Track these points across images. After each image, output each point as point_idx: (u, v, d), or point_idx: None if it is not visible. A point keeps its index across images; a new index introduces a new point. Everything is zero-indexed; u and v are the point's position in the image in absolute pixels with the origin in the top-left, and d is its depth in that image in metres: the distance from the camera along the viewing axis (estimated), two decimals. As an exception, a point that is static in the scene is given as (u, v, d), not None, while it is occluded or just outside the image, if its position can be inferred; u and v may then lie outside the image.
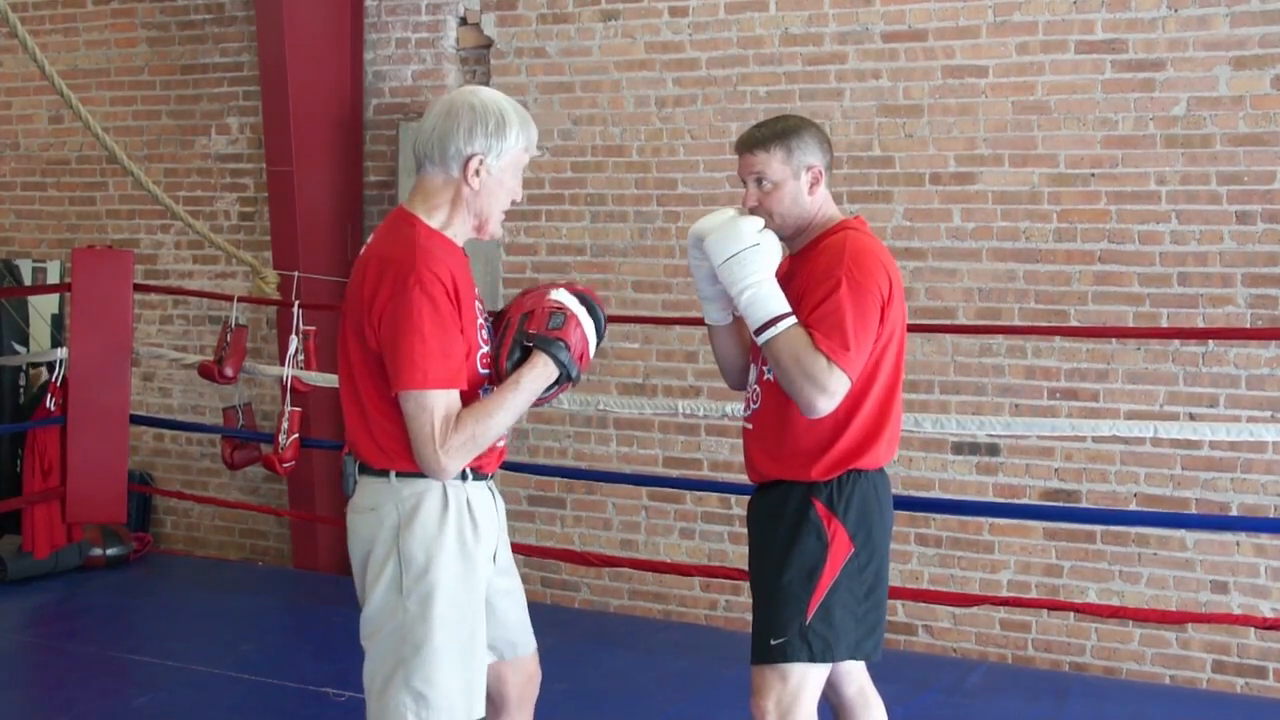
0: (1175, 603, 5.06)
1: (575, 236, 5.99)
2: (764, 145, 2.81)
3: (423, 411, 2.48)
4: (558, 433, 6.08)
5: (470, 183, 2.59)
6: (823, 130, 2.91)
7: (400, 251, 2.52)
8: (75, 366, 5.83)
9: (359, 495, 2.65)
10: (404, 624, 2.55)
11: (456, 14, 6.36)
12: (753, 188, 2.83)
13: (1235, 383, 4.98)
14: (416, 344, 2.46)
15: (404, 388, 2.48)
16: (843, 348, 2.66)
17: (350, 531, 2.69)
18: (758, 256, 2.72)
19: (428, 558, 2.55)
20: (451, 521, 2.57)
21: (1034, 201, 5.27)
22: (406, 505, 2.56)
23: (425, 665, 2.54)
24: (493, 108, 2.58)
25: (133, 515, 6.52)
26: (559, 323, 2.62)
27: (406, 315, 2.46)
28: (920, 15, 5.42)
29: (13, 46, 6.83)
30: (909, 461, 5.43)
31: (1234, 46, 4.96)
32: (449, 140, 2.57)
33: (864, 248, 2.77)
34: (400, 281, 2.47)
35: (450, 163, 2.58)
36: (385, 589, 2.57)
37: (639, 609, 5.97)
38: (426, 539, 2.55)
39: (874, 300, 2.72)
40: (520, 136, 2.61)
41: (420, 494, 2.57)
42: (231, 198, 6.92)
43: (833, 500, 2.75)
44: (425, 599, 2.54)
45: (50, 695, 4.53)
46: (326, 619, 5.51)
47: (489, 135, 2.57)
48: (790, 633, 2.72)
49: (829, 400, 2.67)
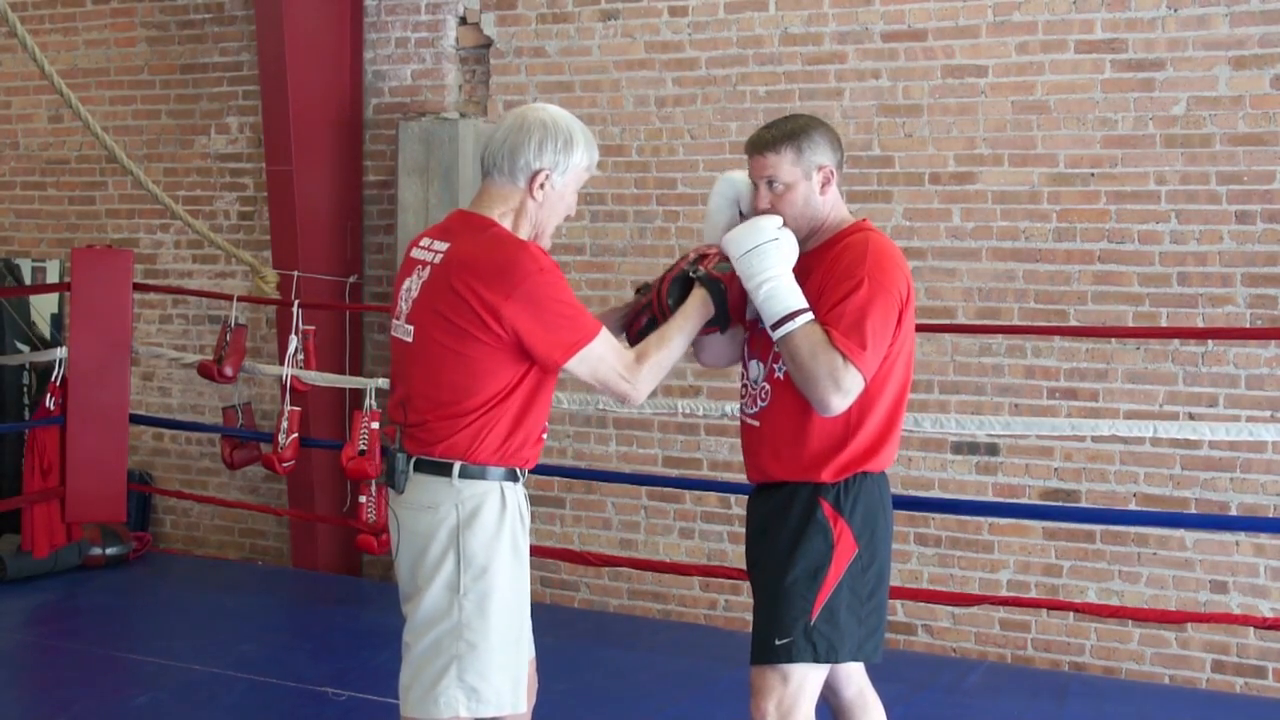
0: (1175, 602, 5.06)
1: (575, 236, 5.99)
2: (774, 147, 2.79)
3: (600, 360, 2.66)
4: (557, 432, 6.08)
5: (535, 195, 2.71)
6: (833, 129, 2.89)
7: (505, 253, 2.62)
8: (75, 366, 5.83)
9: (416, 492, 2.69)
10: (460, 622, 2.63)
11: (456, 13, 6.36)
12: (764, 190, 2.82)
13: (1235, 382, 4.98)
14: (563, 310, 2.61)
15: (575, 350, 2.62)
16: (860, 347, 2.66)
17: (401, 527, 2.73)
18: (777, 251, 2.71)
19: (487, 558, 2.64)
20: (508, 522, 2.67)
21: (1034, 201, 5.27)
22: (468, 505, 2.64)
23: (479, 662, 2.63)
24: (564, 126, 2.72)
25: (132, 515, 6.51)
26: (726, 268, 2.78)
27: (542, 291, 2.59)
28: (920, 15, 5.42)
29: (12, 46, 6.83)
30: (909, 461, 5.43)
31: (1234, 46, 4.96)
32: (519, 153, 2.69)
33: (886, 250, 2.78)
34: (521, 268, 2.59)
35: (518, 174, 2.70)
36: (440, 587, 2.64)
37: (638, 609, 5.97)
38: (486, 539, 2.64)
39: (894, 302, 2.72)
40: (584, 156, 2.75)
41: (482, 494, 2.65)
42: (231, 197, 6.92)
43: (840, 501, 2.75)
44: (483, 598, 2.63)
45: (49, 695, 4.52)
46: (326, 619, 5.51)
47: (558, 152, 2.70)
48: (795, 633, 2.71)
49: (843, 399, 2.67)
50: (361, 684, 4.51)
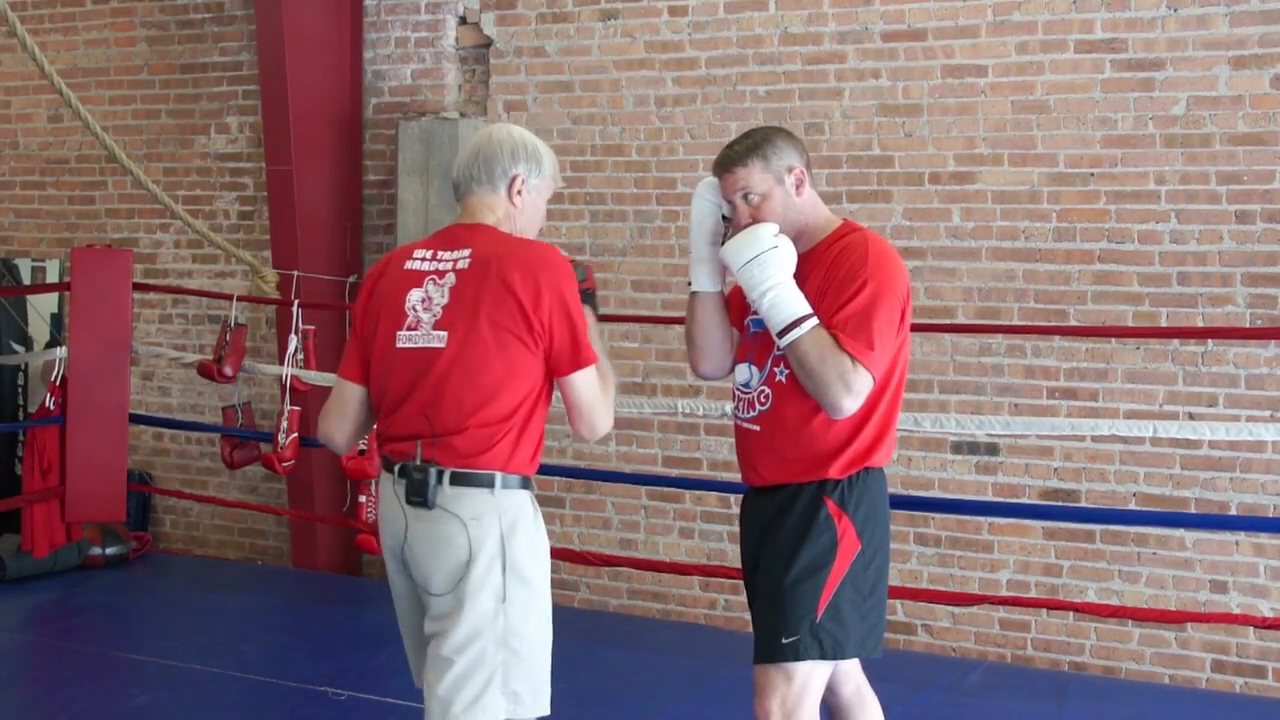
0: (1174, 602, 5.06)
1: (575, 235, 5.98)
2: (741, 160, 2.81)
3: (595, 381, 2.70)
4: (557, 432, 6.06)
5: (514, 200, 2.79)
6: (792, 133, 2.90)
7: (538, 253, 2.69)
8: (74, 365, 5.83)
9: (454, 504, 2.64)
10: (506, 630, 2.64)
11: (456, 13, 6.36)
12: (742, 205, 2.83)
13: (1235, 382, 4.98)
14: (581, 323, 2.68)
15: (584, 364, 2.67)
16: (868, 348, 2.68)
17: (436, 540, 2.66)
18: (777, 259, 2.72)
19: (530, 564, 2.68)
20: (540, 529, 2.73)
21: (1033, 201, 5.27)
22: (509, 515, 2.66)
23: (523, 666, 2.67)
24: (528, 138, 2.83)
25: (132, 514, 6.51)
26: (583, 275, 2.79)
27: (571, 299, 2.67)
28: (920, 15, 5.42)
29: (12, 45, 6.82)
30: (909, 461, 5.43)
31: (1233, 46, 4.96)
32: (495, 162, 2.77)
33: (886, 250, 2.80)
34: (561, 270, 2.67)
35: (498, 181, 2.78)
36: (488, 598, 2.63)
37: (638, 608, 5.97)
38: (530, 546, 2.68)
39: (897, 302, 2.75)
40: (551, 167, 2.84)
41: (520, 504, 2.69)
42: (231, 197, 6.92)
43: (844, 498, 2.76)
44: (527, 604, 2.67)
45: (49, 695, 4.52)
46: (326, 618, 5.51)
47: (529, 159, 2.79)
48: (802, 631, 2.72)
49: (854, 401, 2.69)
50: (361, 684, 4.50)
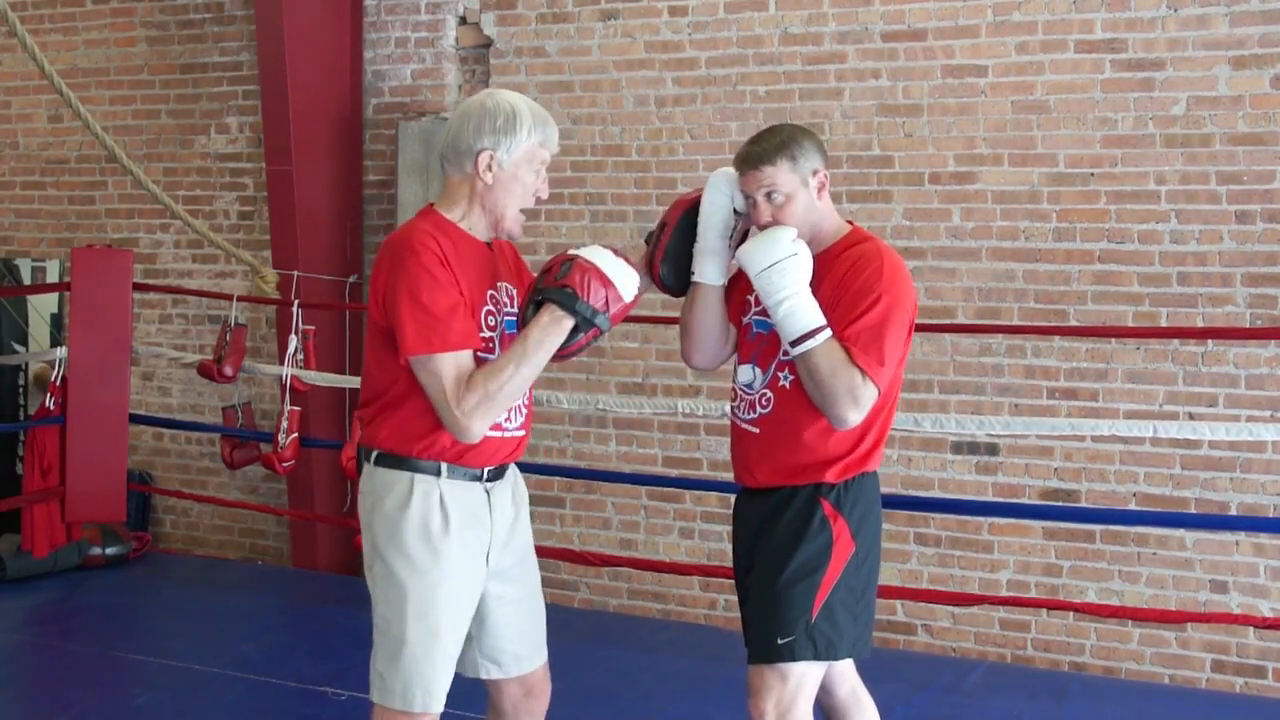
0: (1174, 602, 5.06)
1: (575, 236, 5.98)
2: (769, 159, 2.74)
3: (433, 376, 2.54)
4: (557, 432, 6.08)
5: (483, 177, 2.66)
6: (815, 134, 2.87)
7: (401, 233, 2.66)
8: (74, 366, 5.83)
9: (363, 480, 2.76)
10: (375, 603, 2.69)
11: (456, 13, 6.36)
12: (763, 203, 2.77)
13: (1235, 382, 4.98)
14: (417, 311, 2.53)
15: (412, 353, 2.55)
16: (878, 363, 2.67)
17: None
18: (795, 267, 2.68)
19: (385, 544, 2.65)
20: (415, 513, 2.63)
21: (1033, 201, 5.27)
22: (378, 492, 2.67)
23: (384, 648, 2.67)
24: (504, 105, 2.65)
25: (132, 514, 6.51)
26: (565, 271, 2.65)
27: (405, 284, 2.55)
28: (920, 15, 5.42)
29: (12, 45, 6.83)
30: (909, 461, 5.43)
31: (1233, 46, 4.96)
32: (461, 139, 2.65)
33: (898, 264, 2.78)
34: (397, 255, 2.59)
35: (464, 160, 2.67)
36: (367, 569, 2.72)
37: (638, 608, 5.97)
38: (387, 526, 2.65)
39: (907, 317, 2.75)
40: (533, 133, 2.66)
41: (390, 483, 2.66)
42: (231, 197, 6.92)
43: (840, 500, 2.76)
44: (384, 583, 2.66)
45: (49, 695, 4.52)
46: (326, 618, 5.50)
47: (497, 131, 2.63)
48: (797, 631, 2.71)
49: (859, 414, 2.68)
50: (361, 684, 4.42)
